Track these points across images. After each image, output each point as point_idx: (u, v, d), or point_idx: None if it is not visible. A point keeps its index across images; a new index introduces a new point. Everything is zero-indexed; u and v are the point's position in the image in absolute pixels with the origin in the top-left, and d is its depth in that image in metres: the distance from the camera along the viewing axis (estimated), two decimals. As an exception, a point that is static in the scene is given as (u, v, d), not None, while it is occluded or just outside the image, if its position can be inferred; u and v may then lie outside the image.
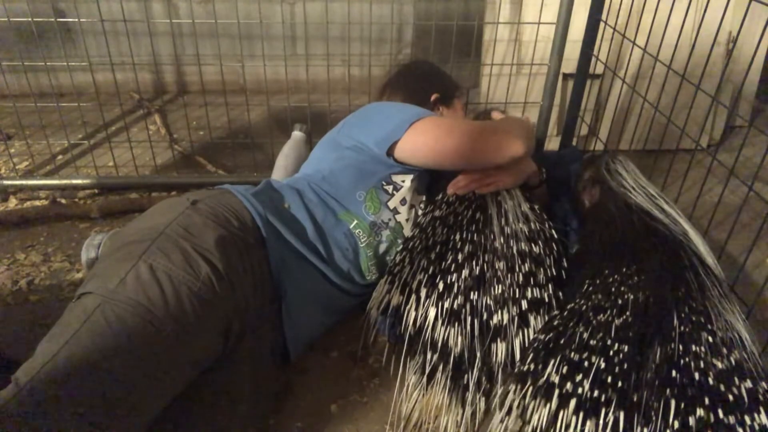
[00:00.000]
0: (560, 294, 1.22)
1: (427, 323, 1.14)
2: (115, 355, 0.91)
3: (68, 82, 1.94)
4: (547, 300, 1.17)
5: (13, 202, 1.94)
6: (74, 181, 1.97)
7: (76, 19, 1.90)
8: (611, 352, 0.99)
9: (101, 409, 0.88)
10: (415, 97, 1.54)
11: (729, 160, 1.32)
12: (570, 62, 1.95)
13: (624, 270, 1.14)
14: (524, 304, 1.15)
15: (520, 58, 2.20)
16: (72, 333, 0.91)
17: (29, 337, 1.39)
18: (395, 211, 1.36)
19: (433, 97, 1.56)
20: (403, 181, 1.36)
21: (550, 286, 1.20)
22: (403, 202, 1.36)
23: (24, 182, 1.97)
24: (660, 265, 1.13)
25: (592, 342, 1.01)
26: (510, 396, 1.03)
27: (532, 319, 1.15)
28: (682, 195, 1.56)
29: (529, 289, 1.17)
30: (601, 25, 1.81)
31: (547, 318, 1.16)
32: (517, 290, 1.16)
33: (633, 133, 1.78)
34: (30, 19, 1.81)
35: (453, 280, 1.17)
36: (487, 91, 2.21)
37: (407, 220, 1.37)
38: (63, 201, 1.93)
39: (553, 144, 2.18)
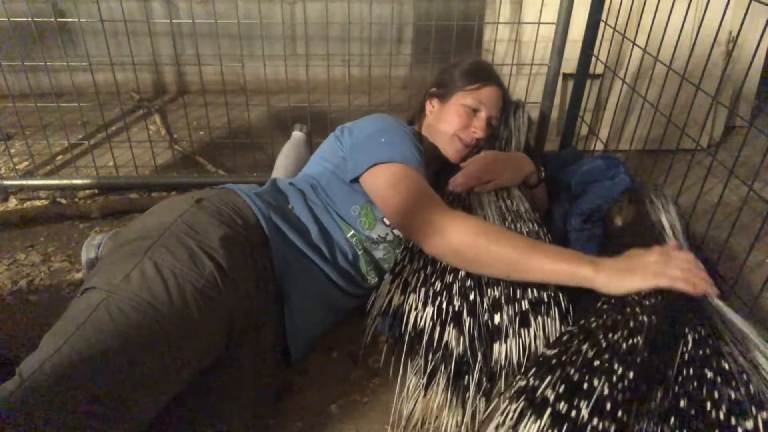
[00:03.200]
0: (564, 301, 1.20)
1: (426, 323, 1.14)
2: (119, 350, 0.91)
3: (68, 82, 1.94)
4: (546, 300, 1.17)
5: (13, 202, 1.94)
6: (74, 181, 1.97)
7: (76, 19, 1.90)
8: (614, 377, 0.93)
9: (104, 403, 0.88)
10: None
11: (729, 160, 1.32)
12: (570, 62, 1.95)
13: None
14: (524, 304, 1.15)
15: (520, 58, 2.20)
16: (76, 327, 0.92)
17: (29, 337, 1.39)
18: (393, 226, 1.33)
19: (430, 90, 1.54)
20: None
21: (549, 286, 1.19)
22: None
23: (24, 182, 1.97)
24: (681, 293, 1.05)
25: (596, 363, 0.96)
26: (502, 407, 1.00)
27: (532, 319, 1.15)
28: (682, 195, 1.56)
29: (529, 290, 1.17)
30: (601, 25, 1.81)
31: (548, 319, 1.16)
32: (518, 290, 1.16)
33: (633, 133, 1.78)
34: (30, 19, 1.81)
35: (450, 280, 1.17)
36: (487, 91, 2.21)
37: None
38: (63, 201, 1.93)
39: (553, 144, 2.18)
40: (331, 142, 1.43)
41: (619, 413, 0.88)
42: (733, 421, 0.85)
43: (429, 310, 1.14)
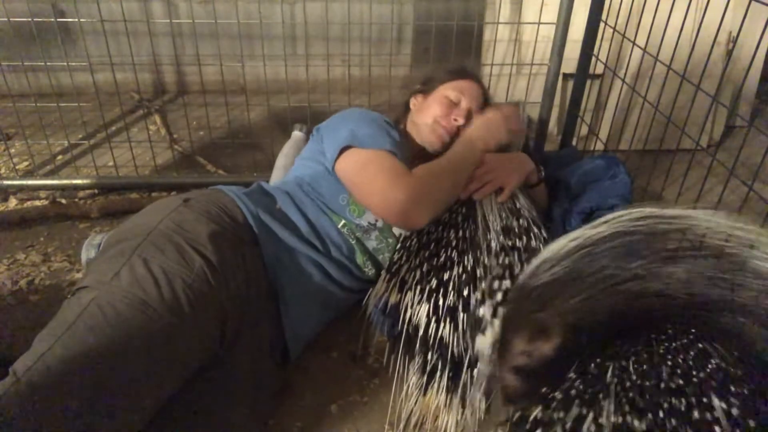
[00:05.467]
0: None
1: (420, 321, 1.14)
2: (111, 346, 0.91)
3: (68, 82, 1.94)
4: None
5: (13, 202, 1.94)
6: (74, 181, 1.97)
7: (76, 19, 1.89)
8: None
9: (99, 401, 0.88)
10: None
11: (729, 160, 1.32)
12: (570, 62, 1.95)
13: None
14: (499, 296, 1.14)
15: (520, 58, 2.20)
16: (68, 326, 0.92)
17: (29, 337, 1.38)
18: None
19: (414, 87, 1.59)
20: None
21: None
22: None
23: (24, 182, 1.97)
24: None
25: None
26: None
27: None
28: (682, 195, 1.56)
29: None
30: (601, 25, 1.81)
31: None
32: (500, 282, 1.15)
33: (633, 133, 1.78)
34: (30, 19, 1.81)
35: (447, 277, 1.17)
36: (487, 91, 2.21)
37: None
38: (63, 201, 1.93)
39: (553, 144, 2.18)
40: (310, 143, 1.47)
41: None
42: None
43: (425, 306, 1.14)
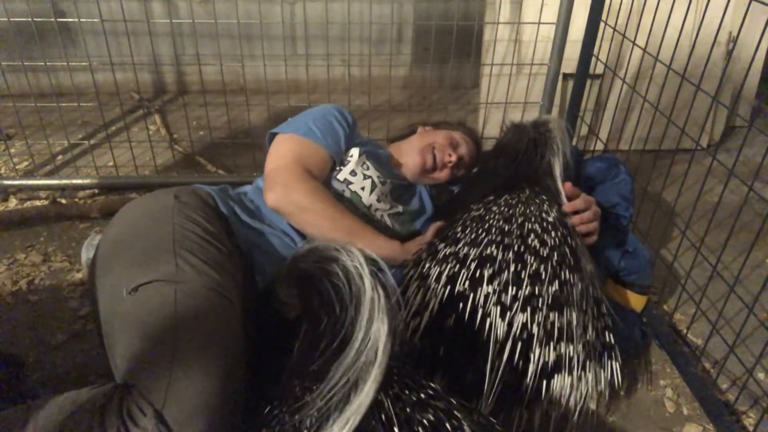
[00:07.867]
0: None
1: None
2: (217, 330, 0.95)
3: (68, 82, 1.94)
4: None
5: (13, 202, 1.94)
6: (74, 181, 1.97)
7: (76, 19, 1.89)
8: None
9: (231, 383, 0.91)
10: None
11: (729, 160, 1.32)
12: (570, 62, 1.95)
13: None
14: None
15: (520, 58, 2.20)
16: (171, 332, 0.92)
17: (29, 337, 1.39)
18: (347, 182, 1.38)
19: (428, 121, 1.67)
20: (351, 156, 1.40)
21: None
22: (353, 173, 1.39)
23: (24, 182, 1.97)
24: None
25: None
26: None
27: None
28: (682, 195, 1.56)
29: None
30: (601, 25, 1.81)
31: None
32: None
33: (633, 133, 1.78)
34: (30, 19, 1.81)
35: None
36: (487, 91, 2.21)
37: (363, 188, 1.39)
38: (63, 201, 1.93)
39: (553, 144, 2.18)
40: None
41: None
42: None
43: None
